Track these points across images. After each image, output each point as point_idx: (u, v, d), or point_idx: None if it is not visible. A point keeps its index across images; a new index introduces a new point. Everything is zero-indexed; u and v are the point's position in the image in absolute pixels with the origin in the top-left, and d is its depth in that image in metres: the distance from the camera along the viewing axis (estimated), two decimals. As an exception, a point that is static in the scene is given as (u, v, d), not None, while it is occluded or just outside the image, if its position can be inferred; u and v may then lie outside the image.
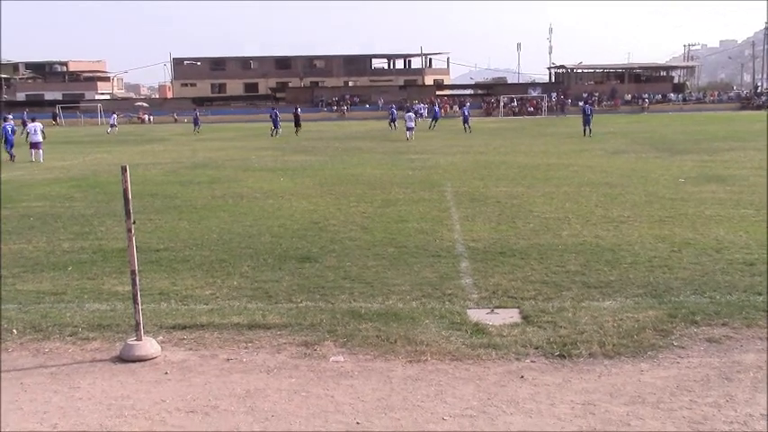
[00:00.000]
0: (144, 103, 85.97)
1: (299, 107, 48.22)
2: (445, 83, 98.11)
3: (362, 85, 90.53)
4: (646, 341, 5.73)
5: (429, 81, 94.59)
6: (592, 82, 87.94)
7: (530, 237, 10.11)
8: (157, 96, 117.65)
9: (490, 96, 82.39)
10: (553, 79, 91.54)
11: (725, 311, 6.45)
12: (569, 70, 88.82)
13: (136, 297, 5.66)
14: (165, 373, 5.31)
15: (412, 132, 36.29)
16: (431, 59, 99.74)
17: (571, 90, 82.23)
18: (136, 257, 5.72)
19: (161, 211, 13.21)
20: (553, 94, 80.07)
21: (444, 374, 5.17)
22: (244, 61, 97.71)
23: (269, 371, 5.32)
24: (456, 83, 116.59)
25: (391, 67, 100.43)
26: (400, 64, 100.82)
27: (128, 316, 6.44)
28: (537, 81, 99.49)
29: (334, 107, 79.34)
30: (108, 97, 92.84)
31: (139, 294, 5.71)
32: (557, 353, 5.52)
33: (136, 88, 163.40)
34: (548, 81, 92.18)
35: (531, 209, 12.59)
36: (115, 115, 59.66)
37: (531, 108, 76.52)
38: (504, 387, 4.93)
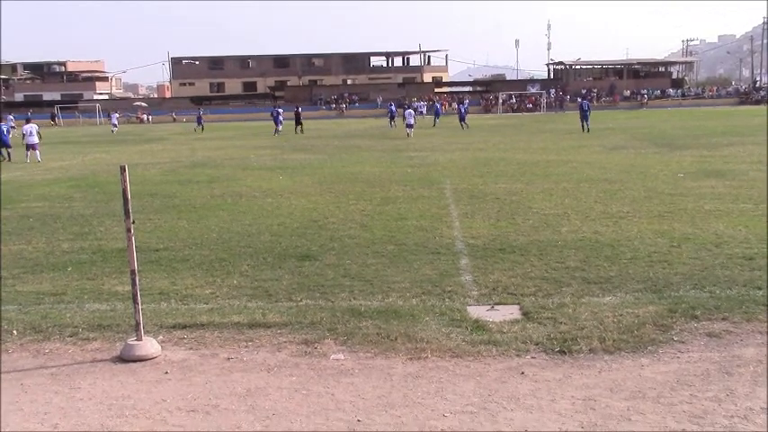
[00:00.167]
0: (142, 103, 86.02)
1: (299, 106, 48.75)
2: (444, 80, 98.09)
3: (361, 83, 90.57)
4: (646, 336, 5.73)
5: (427, 78, 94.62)
6: (590, 78, 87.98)
7: (529, 233, 10.11)
8: (156, 96, 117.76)
9: (489, 93, 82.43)
10: (552, 76, 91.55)
11: (725, 306, 6.45)
12: (568, 66, 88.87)
13: (136, 297, 5.66)
14: (166, 373, 5.32)
15: (411, 129, 36.35)
16: (429, 57, 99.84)
17: (570, 86, 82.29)
18: (135, 257, 5.72)
19: (160, 210, 13.21)
20: (552, 90, 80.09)
21: (445, 371, 5.17)
22: (242, 60, 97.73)
23: (269, 369, 5.32)
24: (455, 80, 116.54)
25: (390, 65, 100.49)
26: (399, 62, 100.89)
27: (128, 316, 6.44)
28: (535, 78, 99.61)
29: (333, 105, 79.34)
30: (106, 97, 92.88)
31: (139, 294, 5.71)
32: (557, 349, 5.52)
33: (134, 88, 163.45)
34: (546, 77, 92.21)
35: (530, 205, 12.59)
36: (116, 114, 59.68)
37: (530, 105, 76.58)
38: (505, 383, 4.93)
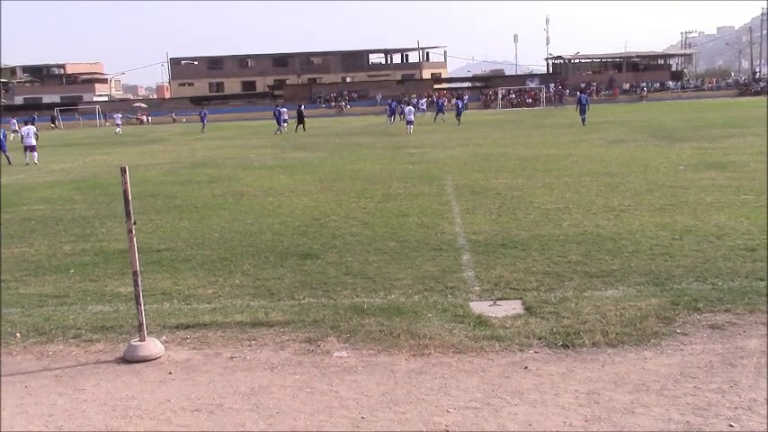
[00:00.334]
0: (142, 104, 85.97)
1: (303, 105, 49.64)
2: (443, 76, 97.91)
3: (360, 81, 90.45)
4: (649, 329, 5.73)
5: (426, 75, 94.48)
6: (589, 72, 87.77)
7: (531, 228, 10.11)
8: (155, 97, 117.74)
9: (488, 89, 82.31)
10: (551, 70, 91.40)
11: (727, 298, 6.45)
12: (567, 61, 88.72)
13: (138, 298, 5.67)
14: (170, 373, 5.33)
15: (411, 126, 36.35)
16: (428, 53, 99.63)
17: (569, 80, 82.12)
18: (137, 258, 5.73)
19: (161, 211, 13.22)
20: (551, 84, 79.95)
21: (448, 367, 5.17)
22: (241, 60, 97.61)
23: (273, 368, 5.33)
24: (454, 76, 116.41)
25: (389, 62, 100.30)
26: (397, 59, 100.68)
27: (131, 317, 6.45)
28: (534, 72, 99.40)
29: (333, 103, 79.28)
30: (106, 99, 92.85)
31: (142, 295, 5.72)
32: (560, 343, 5.53)
33: (134, 89, 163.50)
34: (545, 72, 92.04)
35: (531, 200, 12.59)
36: (119, 115, 59.69)
37: (530, 99, 76.44)
38: (508, 378, 4.94)
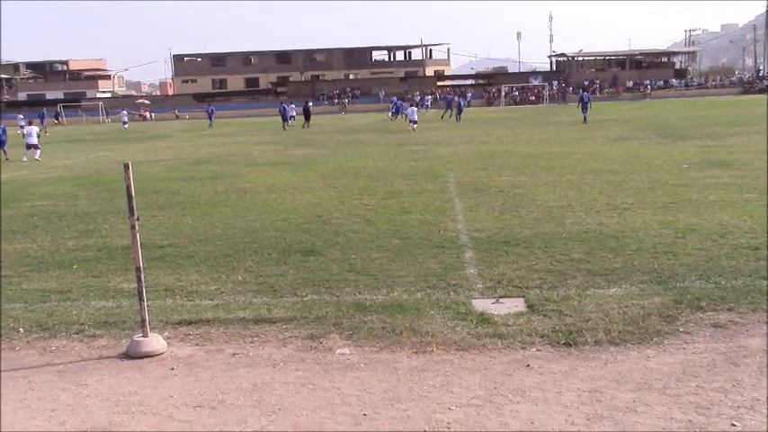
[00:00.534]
0: (145, 101, 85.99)
1: (310, 102, 49.96)
2: (446, 73, 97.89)
3: (363, 78, 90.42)
4: (651, 328, 5.72)
5: (430, 72, 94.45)
6: (593, 69, 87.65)
7: (533, 226, 10.10)
8: (158, 93, 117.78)
9: (491, 86, 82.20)
10: (554, 68, 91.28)
11: (730, 296, 6.44)
12: (570, 58, 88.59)
13: (141, 294, 5.67)
14: (172, 369, 5.33)
15: (415, 125, 36.30)
16: (431, 51, 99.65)
17: (572, 78, 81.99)
18: (140, 254, 5.73)
19: (164, 207, 13.23)
20: (554, 82, 79.83)
21: (450, 365, 5.17)
22: (244, 56, 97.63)
23: (275, 364, 5.33)
24: (457, 73, 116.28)
25: (392, 60, 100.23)
26: (401, 56, 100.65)
27: (133, 313, 6.46)
28: (538, 70, 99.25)
29: (336, 100, 79.26)
30: (109, 95, 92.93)
31: (145, 291, 5.72)
32: (562, 341, 5.52)
33: (137, 86, 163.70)
34: (549, 69, 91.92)
35: (534, 198, 12.57)
36: (125, 112, 59.69)
37: (533, 97, 76.36)
38: (511, 376, 4.94)
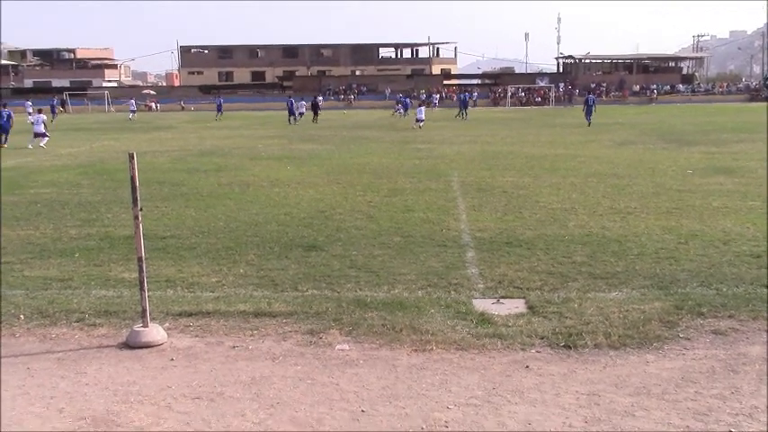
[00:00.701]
0: (151, 91, 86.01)
1: (320, 97, 49.77)
2: (452, 72, 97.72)
3: (370, 75, 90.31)
4: (651, 332, 5.72)
5: (436, 70, 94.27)
6: (600, 72, 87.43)
7: (536, 227, 10.09)
8: (164, 84, 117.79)
9: (497, 86, 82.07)
10: (561, 69, 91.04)
11: (731, 304, 6.43)
12: (577, 60, 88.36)
13: (142, 284, 5.68)
14: (171, 360, 5.34)
15: (421, 123, 36.25)
16: (438, 49, 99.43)
17: (579, 80, 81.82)
18: (143, 244, 5.74)
19: (167, 198, 13.24)
20: (561, 84, 79.70)
21: (449, 364, 5.18)
22: (251, 50, 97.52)
23: (274, 358, 5.34)
24: (463, 72, 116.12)
25: (399, 57, 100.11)
26: (408, 53, 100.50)
27: (134, 302, 6.47)
28: (545, 71, 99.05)
29: (342, 96, 79.21)
30: (115, 85, 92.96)
31: (146, 281, 5.73)
32: (562, 343, 5.52)
33: (143, 76, 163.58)
34: (555, 71, 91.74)
35: (537, 199, 12.57)
36: (133, 101, 59.64)
37: (539, 98, 76.21)
38: (509, 377, 4.94)
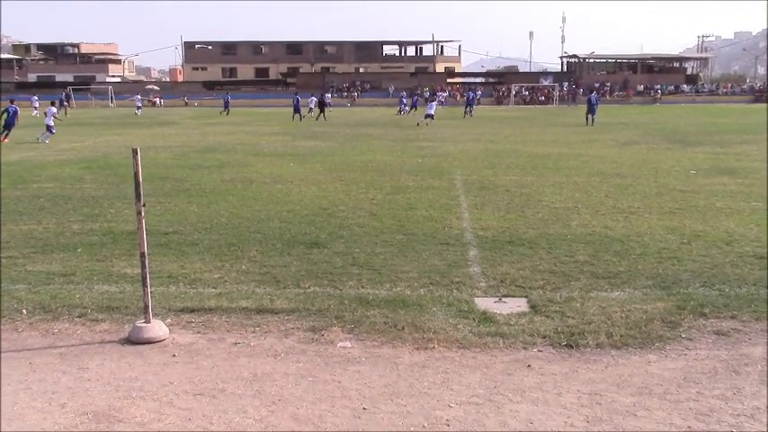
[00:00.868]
0: (155, 86, 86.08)
1: (327, 94, 50.24)
2: (456, 71, 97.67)
3: (373, 72, 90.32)
4: (654, 332, 5.71)
5: (440, 68, 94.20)
6: (604, 72, 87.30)
7: (539, 226, 10.08)
8: (168, 80, 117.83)
9: (501, 85, 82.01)
10: (565, 69, 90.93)
11: (734, 304, 6.42)
12: (581, 60, 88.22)
13: (145, 279, 5.68)
14: (173, 356, 5.35)
15: (429, 119, 36.13)
16: (442, 47, 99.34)
17: (583, 80, 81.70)
18: (145, 240, 5.74)
19: (170, 194, 13.25)
20: (565, 83, 79.62)
21: (451, 362, 5.17)
22: (255, 46, 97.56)
23: (276, 355, 5.34)
24: (467, 71, 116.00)
25: (402, 54, 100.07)
26: (411, 51, 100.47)
27: (136, 298, 6.48)
28: (549, 70, 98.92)
29: (345, 93, 79.19)
30: (119, 80, 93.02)
31: (148, 277, 5.73)
32: (564, 342, 5.52)
33: (147, 71, 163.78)
34: (559, 70, 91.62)
35: (540, 198, 12.55)
36: (139, 96, 59.63)
37: (543, 97, 76.17)
38: (511, 376, 4.94)
